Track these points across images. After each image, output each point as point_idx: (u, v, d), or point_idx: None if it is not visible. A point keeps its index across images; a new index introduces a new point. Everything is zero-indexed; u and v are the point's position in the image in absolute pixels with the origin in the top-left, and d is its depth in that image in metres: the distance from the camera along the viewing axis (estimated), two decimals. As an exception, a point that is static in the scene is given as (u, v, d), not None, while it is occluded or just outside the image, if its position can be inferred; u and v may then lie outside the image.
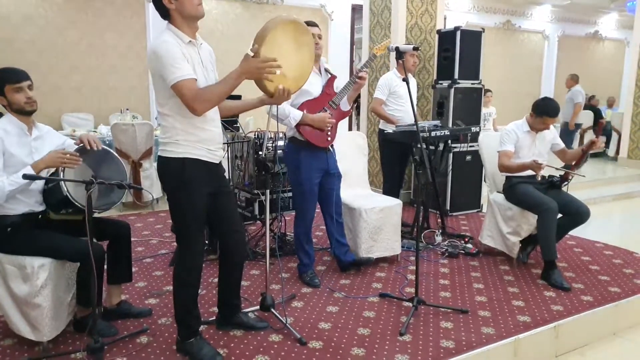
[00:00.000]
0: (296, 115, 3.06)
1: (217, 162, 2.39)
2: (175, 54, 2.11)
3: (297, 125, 3.09)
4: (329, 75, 3.29)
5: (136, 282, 3.25)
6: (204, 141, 2.27)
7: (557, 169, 3.63)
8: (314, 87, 3.16)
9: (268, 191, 2.70)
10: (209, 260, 3.60)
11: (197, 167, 2.26)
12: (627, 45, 13.25)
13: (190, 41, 2.21)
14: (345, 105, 3.30)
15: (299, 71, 2.39)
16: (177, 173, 2.24)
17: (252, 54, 2.17)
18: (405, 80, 2.94)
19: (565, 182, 3.66)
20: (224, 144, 2.51)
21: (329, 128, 3.16)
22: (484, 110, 6.94)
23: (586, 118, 9.61)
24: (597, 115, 9.60)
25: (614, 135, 9.49)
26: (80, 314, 2.59)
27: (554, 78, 12.44)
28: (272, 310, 2.73)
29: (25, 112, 2.43)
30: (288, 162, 3.26)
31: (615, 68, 13.41)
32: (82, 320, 2.58)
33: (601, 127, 3.50)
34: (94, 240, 2.37)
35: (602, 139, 9.51)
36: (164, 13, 2.22)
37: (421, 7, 5.51)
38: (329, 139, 3.20)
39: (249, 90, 2.37)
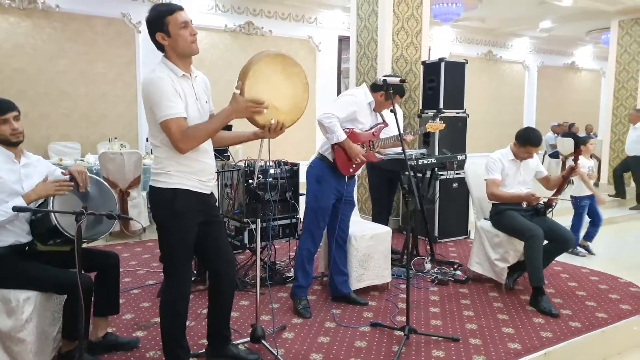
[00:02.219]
0: (340, 136, 3.21)
1: (209, 192, 2.40)
2: (167, 90, 2.13)
3: (333, 144, 3.22)
4: (381, 120, 3.50)
5: (123, 314, 3.19)
6: (196, 172, 2.28)
7: (549, 198, 3.69)
8: (366, 119, 3.39)
9: (259, 220, 2.71)
10: (197, 291, 3.56)
11: (188, 197, 2.27)
12: (603, 75, 13.68)
13: (183, 75, 2.24)
14: (379, 153, 3.56)
15: (292, 103, 2.41)
16: (168, 203, 2.25)
17: (238, 91, 2.22)
18: (393, 111, 3.00)
19: (550, 209, 3.73)
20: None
21: (358, 162, 3.30)
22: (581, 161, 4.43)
23: (567, 145, 9.84)
24: (578, 142, 9.82)
25: (594, 162, 9.70)
26: (65, 348, 2.53)
27: (535, 106, 12.76)
28: (263, 341, 2.70)
29: (10, 144, 2.41)
30: (310, 176, 3.35)
31: (592, 97, 13.82)
32: (67, 355, 2.51)
33: (578, 154, 3.65)
34: (82, 271, 2.35)
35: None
36: (159, 49, 2.25)
37: (406, 39, 5.66)
38: (352, 170, 3.34)
39: (240, 122, 2.40)
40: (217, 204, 2.82)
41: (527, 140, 3.64)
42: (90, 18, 7.35)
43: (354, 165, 3.32)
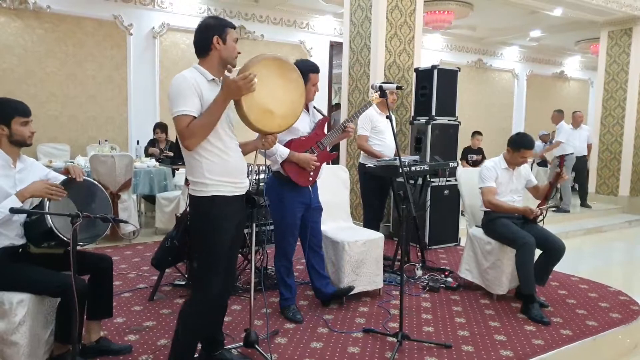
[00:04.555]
0: (283, 152, 3.08)
1: (244, 192, 2.41)
2: (185, 89, 2.16)
3: (282, 162, 3.11)
4: (319, 115, 3.35)
5: (115, 317, 3.15)
6: (228, 173, 2.30)
7: (542, 209, 3.71)
8: (301, 124, 3.20)
9: (254, 225, 2.70)
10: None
11: (225, 204, 2.29)
12: (591, 85, 13.88)
13: (213, 79, 2.28)
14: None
15: (288, 108, 2.41)
16: (207, 211, 2.27)
17: (230, 76, 2.24)
18: (389, 117, 3.02)
19: (540, 217, 3.76)
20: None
21: (313, 169, 3.20)
22: None
23: (555, 154, 9.95)
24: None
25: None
26: (58, 351, 2.51)
27: (524, 114, 12.90)
28: (256, 346, 2.69)
29: (25, 145, 2.47)
30: (271, 196, 3.23)
31: (580, 106, 13.92)
32: (59, 358, 2.49)
33: (563, 160, 3.73)
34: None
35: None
36: (203, 51, 2.29)
37: (399, 46, 5.70)
38: (311, 179, 3.24)
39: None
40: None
41: (520, 144, 3.69)
42: (81, 19, 7.29)
43: (311, 174, 3.21)
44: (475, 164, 7.70)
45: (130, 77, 7.67)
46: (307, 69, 3.15)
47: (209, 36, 2.26)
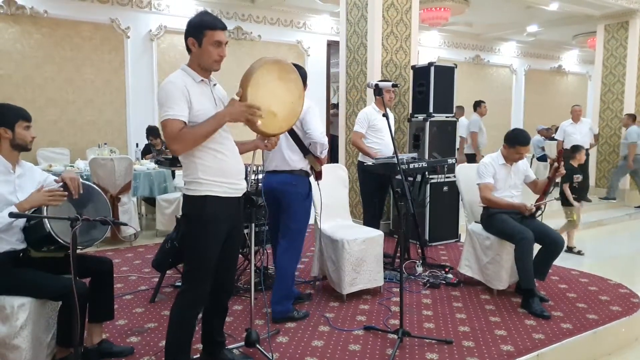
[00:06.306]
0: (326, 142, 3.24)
1: (240, 195, 2.40)
2: (173, 94, 2.16)
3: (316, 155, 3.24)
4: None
5: (116, 320, 3.17)
6: (224, 173, 2.29)
7: (537, 204, 3.72)
8: None
9: (253, 225, 2.71)
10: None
11: (218, 204, 2.28)
12: (589, 78, 13.88)
13: (202, 80, 2.28)
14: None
15: (289, 109, 2.43)
16: (199, 211, 2.26)
17: (237, 98, 2.23)
18: (385, 115, 3.03)
19: (539, 212, 3.78)
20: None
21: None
22: None
23: (555, 148, 9.96)
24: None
25: (582, 165, 9.82)
26: (60, 354, 2.52)
27: (523, 109, 12.91)
28: (258, 346, 2.71)
29: (25, 149, 2.51)
30: (302, 193, 3.26)
31: (578, 100, 13.91)
32: (62, 362, 2.51)
33: (561, 154, 3.73)
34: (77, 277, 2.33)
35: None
36: (187, 50, 2.30)
37: (396, 44, 5.71)
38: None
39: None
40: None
41: (515, 140, 3.71)
42: (78, 24, 7.31)
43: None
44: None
45: (129, 80, 7.69)
46: (304, 74, 3.26)
47: (186, 37, 2.25)
